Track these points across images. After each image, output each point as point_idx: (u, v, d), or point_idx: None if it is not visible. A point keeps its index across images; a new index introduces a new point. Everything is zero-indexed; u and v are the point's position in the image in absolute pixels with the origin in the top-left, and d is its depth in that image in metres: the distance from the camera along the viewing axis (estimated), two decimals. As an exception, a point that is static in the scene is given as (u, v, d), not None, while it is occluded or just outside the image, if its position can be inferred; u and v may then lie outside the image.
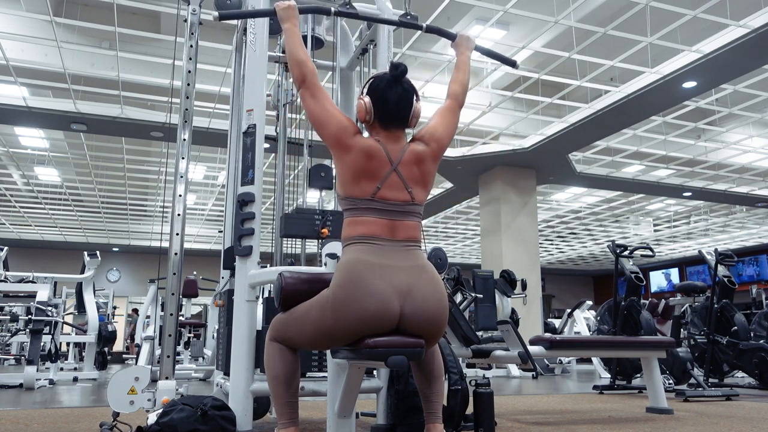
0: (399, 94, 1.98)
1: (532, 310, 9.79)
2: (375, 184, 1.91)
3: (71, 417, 3.38)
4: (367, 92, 2.02)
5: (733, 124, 9.64)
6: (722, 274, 5.73)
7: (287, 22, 2.13)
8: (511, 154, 9.97)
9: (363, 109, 1.99)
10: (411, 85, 2.02)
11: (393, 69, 1.99)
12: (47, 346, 7.05)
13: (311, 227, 2.87)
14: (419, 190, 1.97)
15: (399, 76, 1.99)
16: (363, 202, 1.91)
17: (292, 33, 2.10)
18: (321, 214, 2.90)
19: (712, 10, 6.28)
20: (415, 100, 2.02)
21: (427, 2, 6.37)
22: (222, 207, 11.05)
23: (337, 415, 2.17)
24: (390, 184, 1.92)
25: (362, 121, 2.02)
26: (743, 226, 16.08)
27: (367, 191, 1.91)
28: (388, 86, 1.98)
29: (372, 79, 2.04)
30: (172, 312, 2.93)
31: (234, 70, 3.59)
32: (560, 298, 22.38)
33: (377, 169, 1.92)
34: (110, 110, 8.24)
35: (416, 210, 1.96)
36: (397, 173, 1.94)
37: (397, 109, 1.98)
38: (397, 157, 1.95)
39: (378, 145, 1.95)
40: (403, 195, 1.93)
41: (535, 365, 4.06)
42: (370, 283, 1.79)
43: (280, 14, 2.15)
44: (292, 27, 2.12)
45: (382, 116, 1.98)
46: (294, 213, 2.91)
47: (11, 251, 7.98)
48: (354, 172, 1.91)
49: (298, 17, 2.16)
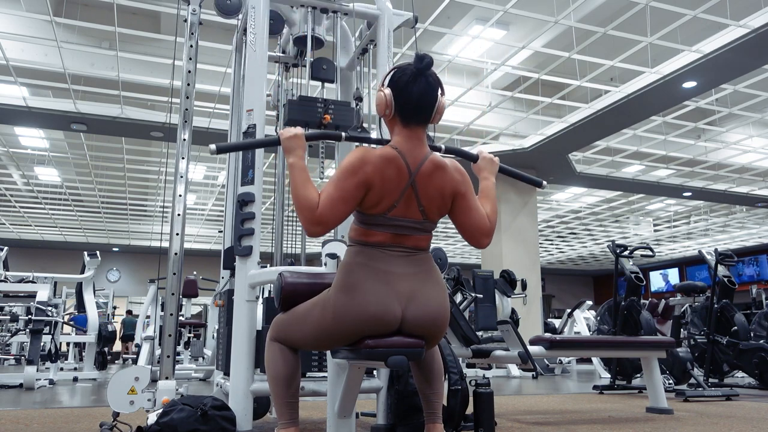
0: (423, 89, 1.83)
1: (532, 310, 9.79)
2: (391, 202, 1.80)
3: (71, 417, 3.38)
4: (389, 84, 1.86)
5: (733, 124, 9.64)
6: (722, 274, 5.73)
7: (292, 155, 1.85)
8: (511, 154, 9.97)
9: (383, 103, 1.85)
10: (436, 77, 1.86)
11: (418, 61, 1.83)
12: (47, 346, 7.05)
13: (314, 114, 2.96)
14: (433, 208, 1.86)
15: (424, 69, 1.83)
16: (375, 218, 1.82)
17: (299, 169, 1.81)
18: (323, 102, 2.99)
19: (712, 10, 6.28)
20: (440, 95, 1.87)
21: (427, 2, 6.37)
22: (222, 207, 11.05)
23: (337, 415, 2.17)
24: (406, 199, 1.81)
25: (381, 115, 1.89)
26: (743, 226, 16.08)
27: (382, 209, 1.81)
28: (412, 79, 1.82)
29: (394, 70, 1.87)
30: (172, 312, 2.93)
31: (234, 70, 3.59)
32: (560, 298, 22.38)
33: (396, 187, 1.80)
34: (110, 110, 8.24)
35: (428, 227, 1.88)
36: (413, 187, 1.82)
37: (420, 104, 1.83)
38: (416, 166, 1.82)
39: (395, 156, 1.81)
40: (415, 213, 1.83)
41: (535, 365, 4.06)
42: (372, 288, 1.77)
43: (284, 144, 1.87)
44: (299, 161, 1.83)
45: (404, 112, 1.84)
46: (297, 99, 2.98)
47: (11, 251, 7.98)
48: (378, 197, 1.80)
49: (305, 148, 1.88)
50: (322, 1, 3.17)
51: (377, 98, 1.88)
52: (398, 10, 3.21)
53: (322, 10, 3.21)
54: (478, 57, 7.57)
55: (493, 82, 8.35)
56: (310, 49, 3.15)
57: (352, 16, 3.22)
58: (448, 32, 7.03)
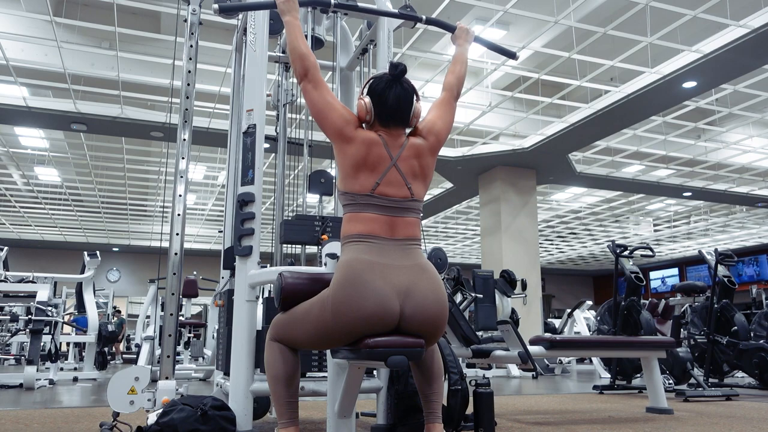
0: (399, 94, 1.99)
1: (532, 310, 9.79)
2: (374, 179, 1.92)
3: (71, 417, 3.38)
4: (367, 92, 2.02)
5: (733, 124, 9.64)
6: (722, 274, 5.73)
7: (287, 14, 2.13)
8: (511, 154, 9.97)
9: (363, 109, 2.00)
10: (410, 85, 2.03)
11: (392, 69, 2.00)
12: (47, 346, 7.05)
13: (311, 233, 2.87)
14: (418, 185, 1.98)
15: (398, 75, 2.00)
16: (362, 197, 1.92)
17: (293, 26, 2.10)
18: (321, 220, 2.89)
19: (712, 10, 6.28)
20: (415, 100, 2.02)
21: (427, 2, 6.37)
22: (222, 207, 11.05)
23: (337, 415, 2.17)
24: (389, 179, 1.93)
25: (363, 121, 2.02)
26: (743, 226, 16.08)
27: (367, 186, 1.92)
28: (388, 86, 1.99)
29: (372, 79, 2.04)
30: (172, 312, 2.93)
31: (234, 70, 3.59)
32: (560, 298, 22.38)
33: (377, 163, 1.93)
34: (110, 110, 8.24)
35: (416, 206, 1.98)
36: (397, 168, 1.95)
37: (397, 108, 1.99)
38: (396, 152, 1.97)
39: (379, 139, 1.96)
40: (402, 191, 1.94)
41: (535, 365, 4.06)
42: (370, 283, 1.79)
43: (280, 7, 2.15)
44: (293, 20, 2.12)
45: (382, 116, 1.99)
46: (294, 219, 2.90)
47: (11, 251, 7.98)
48: (354, 164, 1.93)
49: (298, 10, 2.16)
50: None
51: (358, 106, 2.03)
52: (398, 10, 3.21)
53: (322, 10, 3.20)
54: (478, 57, 7.57)
55: (493, 82, 8.35)
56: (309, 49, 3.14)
57: (352, 16, 3.22)
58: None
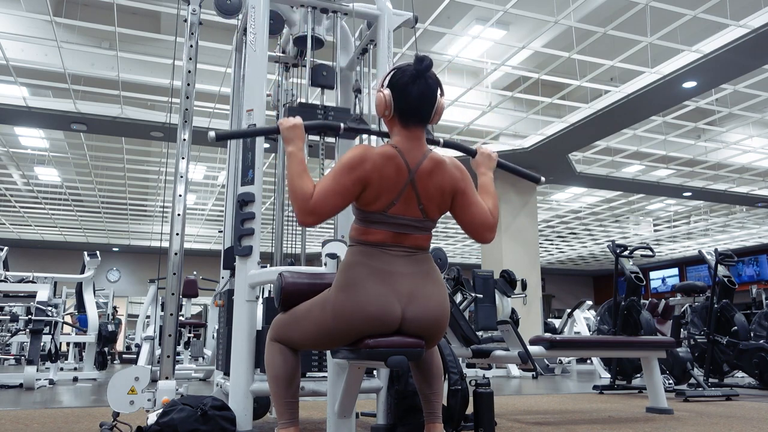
0: (422, 90, 1.84)
1: (532, 310, 9.79)
2: (391, 199, 1.81)
3: (71, 417, 3.38)
4: (388, 85, 1.87)
5: (733, 124, 9.64)
6: (722, 274, 5.73)
7: (291, 144, 1.89)
8: (511, 154, 9.97)
9: (382, 103, 1.86)
10: (436, 78, 1.88)
11: (417, 63, 1.84)
12: (47, 346, 7.05)
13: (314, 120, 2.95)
14: (433, 206, 1.87)
15: (424, 70, 1.84)
16: (375, 215, 1.84)
17: (296, 159, 1.85)
18: (323, 108, 2.93)
19: (712, 10, 6.28)
20: (439, 95, 1.89)
21: (427, 2, 6.37)
22: (222, 207, 11.05)
23: (337, 415, 2.17)
24: (405, 197, 1.83)
25: (380, 116, 1.90)
26: (743, 226, 16.08)
27: (380, 206, 1.82)
28: (411, 80, 1.84)
29: (394, 71, 1.88)
30: (172, 312, 2.93)
31: (234, 70, 3.59)
32: (560, 298, 22.37)
33: (394, 185, 1.81)
34: (110, 110, 8.24)
35: (428, 226, 1.89)
36: (413, 186, 1.83)
37: (419, 105, 1.85)
38: (415, 163, 1.84)
39: (394, 151, 1.83)
40: (415, 212, 1.85)
41: (535, 365, 4.06)
42: (372, 288, 1.78)
43: (283, 134, 1.92)
44: (297, 151, 1.87)
45: (403, 112, 1.86)
46: (297, 107, 2.94)
47: (11, 251, 7.98)
48: (376, 195, 1.81)
49: (304, 138, 1.92)
50: (322, 1, 3.17)
51: (377, 99, 1.89)
52: (398, 10, 3.21)
53: (322, 10, 3.20)
54: (478, 57, 7.57)
55: (493, 82, 8.35)
56: (310, 49, 3.15)
57: (352, 16, 3.22)
58: (448, 32, 7.03)
